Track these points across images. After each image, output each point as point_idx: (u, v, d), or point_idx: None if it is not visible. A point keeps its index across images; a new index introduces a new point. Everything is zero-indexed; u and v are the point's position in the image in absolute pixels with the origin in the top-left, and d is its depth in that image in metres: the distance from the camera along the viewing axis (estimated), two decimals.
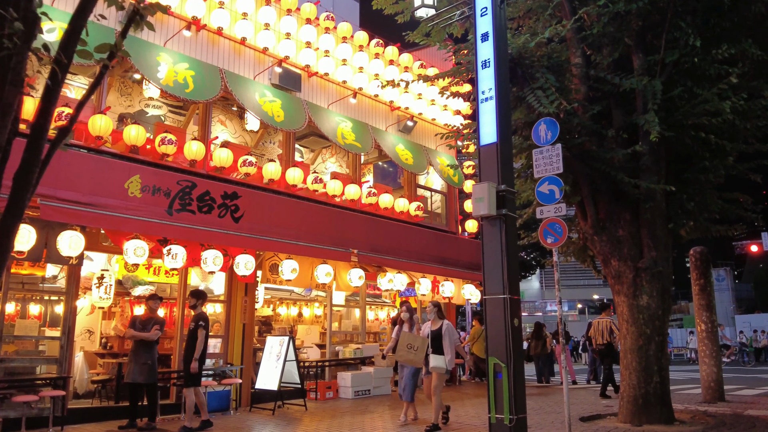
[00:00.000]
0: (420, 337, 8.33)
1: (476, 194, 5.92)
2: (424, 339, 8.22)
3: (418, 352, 8.21)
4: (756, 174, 9.30)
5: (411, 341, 8.28)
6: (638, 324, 8.27)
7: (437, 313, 8.42)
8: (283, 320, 12.92)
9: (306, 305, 13.39)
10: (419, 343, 8.25)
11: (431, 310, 8.47)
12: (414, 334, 8.44)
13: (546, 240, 8.00)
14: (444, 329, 8.12)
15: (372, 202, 12.86)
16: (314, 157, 15.29)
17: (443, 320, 8.31)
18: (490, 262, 5.97)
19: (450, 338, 8.06)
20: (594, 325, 11.62)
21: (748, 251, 36.39)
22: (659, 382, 8.09)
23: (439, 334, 8.10)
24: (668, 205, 8.71)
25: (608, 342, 11.13)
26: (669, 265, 8.51)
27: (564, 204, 7.95)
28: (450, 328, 8.17)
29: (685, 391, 12.04)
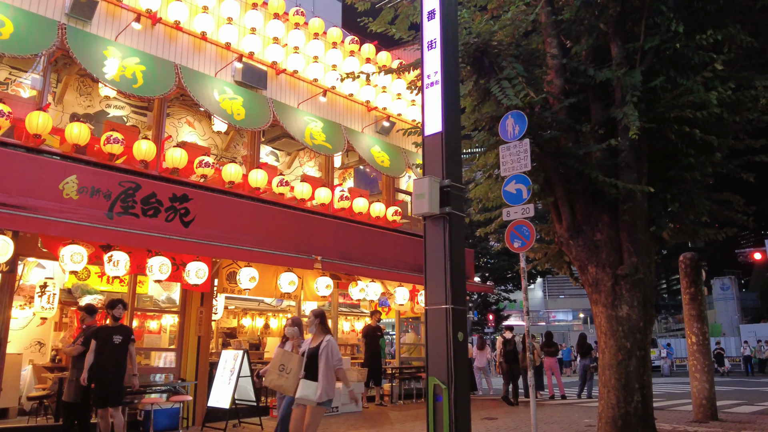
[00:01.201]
0: (296, 356, 6.29)
1: (417, 190, 5.20)
2: (301, 359, 6.19)
3: (291, 375, 6.13)
4: (748, 173, 8.53)
5: (285, 361, 6.25)
6: (617, 337, 7.50)
7: (319, 325, 6.26)
8: (247, 332, 12.19)
9: (273, 316, 12.66)
10: (294, 364, 6.19)
11: (311, 322, 6.28)
12: (290, 353, 6.38)
13: (513, 244, 7.28)
14: (322, 347, 6.03)
15: (345, 207, 12.16)
16: (291, 161, 14.62)
17: (326, 335, 6.18)
18: (433, 266, 5.24)
19: (327, 360, 5.95)
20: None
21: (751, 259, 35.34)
22: (641, 401, 7.30)
23: (316, 354, 6.02)
24: (651, 206, 7.95)
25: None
26: (652, 272, 7.75)
27: (532, 205, 7.22)
28: (331, 347, 6.07)
29: (676, 408, 11.22)
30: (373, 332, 11.22)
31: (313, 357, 6.03)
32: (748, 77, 7.71)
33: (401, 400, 12.55)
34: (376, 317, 11.65)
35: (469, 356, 16.39)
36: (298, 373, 6.10)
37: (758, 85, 7.53)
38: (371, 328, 11.42)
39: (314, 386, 5.89)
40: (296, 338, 6.81)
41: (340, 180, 15.49)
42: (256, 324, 12.31)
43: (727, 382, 21.95)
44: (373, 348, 11.28)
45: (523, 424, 9.41)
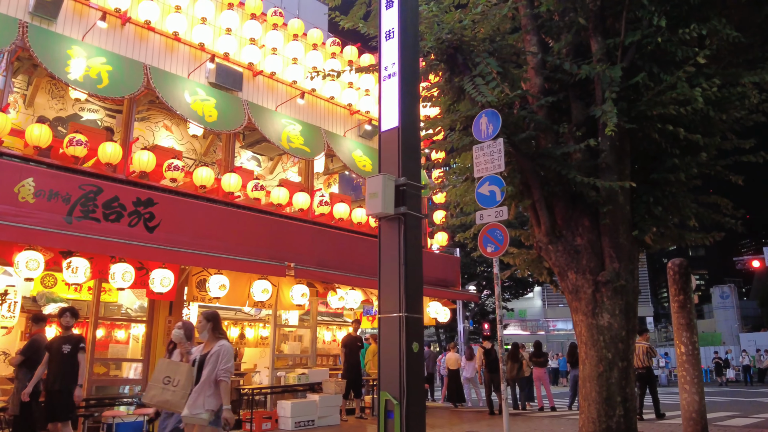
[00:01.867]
0: (184, 365, 5.21)
1: (370, 188, 4.82)
2: (190, 369, 5.14)
3: (178, 389, 5.06)
4: (737, 175, 8.15)
5: (170, 373, 5.16)
6: (598, 347, 7.10)
7: (212, 330, 5.23)
8: None
9: (250, 326, 12.24)
10: (182, 375, 5.12)
11: (202, 326, 5.25)
12: (177, 363, 5.35)
13: (486, 249, 6.91)
14: (211, 354, 5.08)
15: (324, 213, 11.78)
16: (273, 166, 14.26)
17: (219, 341, 5.21)
18: (386, 272, 4.85)
19: (212, 369, 5.03)
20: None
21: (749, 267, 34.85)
22: (623, 416, 6.89)
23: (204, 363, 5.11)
24: (633, 209, 7.57)
25: (647, 366, 11.64)
26: (635, 279, 7.35)
27: (506, 207, 6.86)
28: (222, 354, 5.08)
29: (667, 421, 10.78)
30: (353, 342, 10.81)
31: (201, 367, 5.09)
32: (735, 74, 7.36)
33: None
34: (356, 327, 11.24)
35: (456, 367, 16.04)
36: (187, 386, 5.04)
37: (746, 81, 7.18)
38: (352, 338, 11.01)
39: (201, 401, 4.96)
40: (184, 344, 5.58)
41: (325, 186, 15.13)
42: (230, 334, 11.89)
43: (725, 393, 21.48)
44: (352, 359, 10.86)
45: None
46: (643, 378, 11.73)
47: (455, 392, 15.72)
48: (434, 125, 7.88)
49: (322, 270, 10.32)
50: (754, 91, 7.43)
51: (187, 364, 5.23)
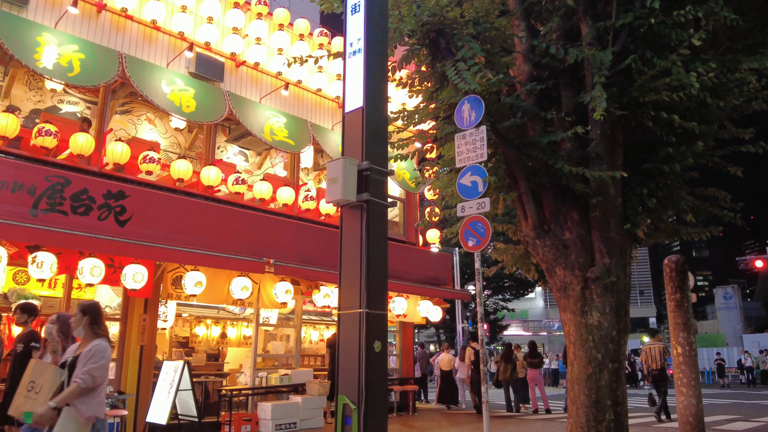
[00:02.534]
0: (50, 368, 4.30)
1: (330, 173, 4.44)
2: (56, 372, 4.23)
3: (40, 396, 4.13)
4: (736, 166, 7.75)
5: (35, 377, 4.25)
6: (587, 347, 6.70)
7: (89, 325, 4.28)
8: (201, 341, 11.39)
9: (232, 324, 11.87)
10: (47, 380, 4.19)
11: (78, 320, 4.31)
12: (44, 364, 4.42)
13: (467, 243, 6.53)
14: (83, 354, 4.18)
15: (310, 208, 11.40)
16: (261, 161, 13.89)
17: (96, 339, 4.26)
18: (347, 264, 4.48)
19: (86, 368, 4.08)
20: (646, 350, 11.90)
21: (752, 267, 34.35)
22: (614, 420, 6.48)
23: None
24: (626, 202, 7.16)
25: (662, 367, 11.59)
26: (626, 275, 6.94)
27: (488, 199, 6.50)
28: (94, 353, 4.14)
29: (663, 425, 10.36)
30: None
31: (72, 369, 4.16)
32: (733, 60, 6.96)
33: None
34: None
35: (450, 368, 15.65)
36: (51, 393, 4.09)
37: (745, 67, 6.78)
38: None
39: (72, 412, 3.97)
40: (54, 341, 4.67)
41: (316, 182, 14.75)
42: (211, 333, 11.53)
43: (726, 395, 21.02)
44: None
45: None
46: (657, 378, 11.80)
47: (448, 393, 15.34)
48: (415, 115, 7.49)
49: (304, 267, 9.94)
50: (753, 77, 7.05)
51: (54, 365, 4.31)
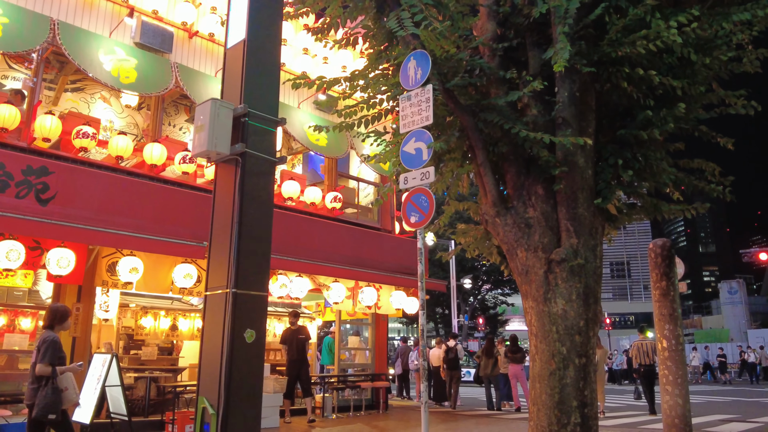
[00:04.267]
0: None
1: (197, 120, 3.58)
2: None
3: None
4: (726, 138, 6.86)
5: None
6: (550, 340, 5.83)
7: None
8: (150, 334, 10.57)
9: (184, 316, 11.04)
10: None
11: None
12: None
13: (409, 219, 5.66)
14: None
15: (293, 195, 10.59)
16: None
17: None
18: (218, 233, 3.62)
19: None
20: (637, 345, 12.07)
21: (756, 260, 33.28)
22: (580, 425, 5.61)
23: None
24: (598, 174, 6.28)
25: (653, 363, 11.67)
26: (597, 257, 6.07)
27: (432, 168, 5.64)
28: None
29: (649, 426, 9.47)
30: (293, 336, 9.57)
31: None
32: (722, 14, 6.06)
33: (335, 413, 10.89)
34: (294, 319, 9.99)
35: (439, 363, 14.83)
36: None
37: (735, 19, 5.88)
38: (291, 332, 9.76)
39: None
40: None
41: (288, 166, 13.89)
42: (160, 325, 10.70)
43: (727, 392, 20.09)
44: (295, 354, 9.60)
45: None
46: (647, 374, 11.85)
47: (439, 390, 14.55)
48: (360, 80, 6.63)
49: None
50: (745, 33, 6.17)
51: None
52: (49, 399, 4.96)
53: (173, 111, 12.28)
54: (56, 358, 5.15)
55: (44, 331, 5.36)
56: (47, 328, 5.36)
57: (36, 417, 4.96)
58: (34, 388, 5.08)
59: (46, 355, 5.05)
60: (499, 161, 6.71)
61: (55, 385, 5.04)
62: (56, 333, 5.36)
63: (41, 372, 5.02)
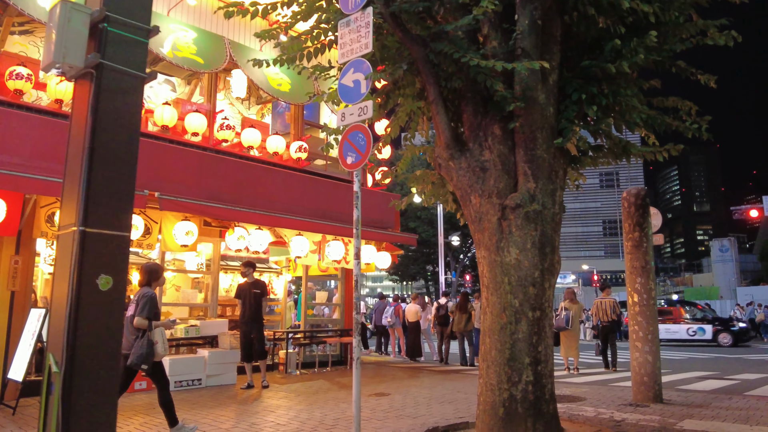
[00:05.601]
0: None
1: (48, 27, 2.98)
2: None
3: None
4: (707, 75, 6.26)
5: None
6: (501, 291, 5.37)
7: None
8: None
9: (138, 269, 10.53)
10: None
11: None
12: None
13: (346, 160, 5.11)
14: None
15: (227, 139, 9.97)
16: (192, 90, 12.32)
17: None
18: (72, 163, 3.07)
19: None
20: (597, 304, 11.96)
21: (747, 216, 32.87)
22: (532, 382, 5.19)
23: None
24: (561, 112, 5.71)
25: (611, 320, 11.64)
26: (556, 203, 5.55)
27: (371, 102, 5.04)
28: None
29: (620, 384, 9.12)
30: (247, 290, 9.02)
31: None
32: None
33: (299, 370, 10.52)
34: (249, 271, 9.29)
35: (416, 318, 14.50)
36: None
37: None
38: (246, 286, 9.06)
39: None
40: None
41: (258, 116, 13.23)
42: None
43: (709, 349, 19.89)
44: (245, 310, 8.79)
45: (413, 403, 7.36)
46: (608, 330, 11.75)
47: (413, 346, 14.27)
48: None
49: (200, 202, 8.50)
50: None
51: None
52: (144, 351, 5.45)
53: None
54: (152, 313, 5.61)
55: (143, 287, 5.75)
56: (145, 285, 5.78)
57: (130, 365, 5.42)
58: (133, 339, 5.51)
59: (144, 310, 5.51)
60: (455, 99, 6.14)
61: (150, 338, 5.52)
62: (153, 289, 5.82)
63: (139, 325, 5.47)
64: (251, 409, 7.09)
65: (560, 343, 11.29)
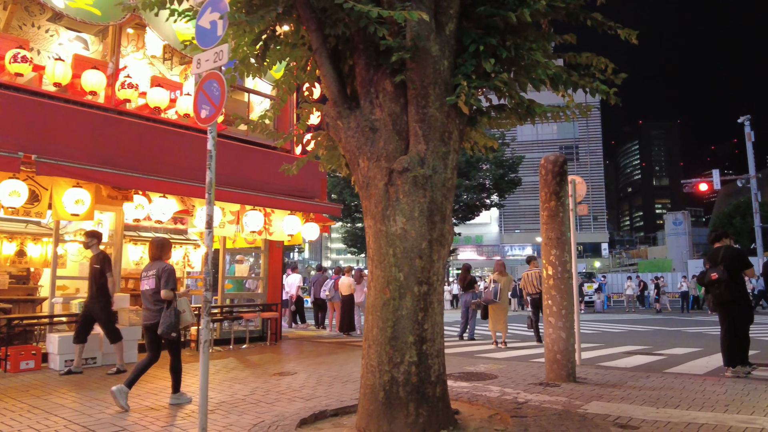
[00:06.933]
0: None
1: None
2: None
3: None
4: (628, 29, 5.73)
5: None
6: (386, 264, 4.85)
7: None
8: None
9: (34, 241, 9.78)
10: None
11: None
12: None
13: (200, 113, 4.48)
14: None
15: (129, 98, 9.18)
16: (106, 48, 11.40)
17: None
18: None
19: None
20: (524, 276, 11.87)
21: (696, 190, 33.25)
22: (416, 363, 4.71)
23: None
24: (458, 67, 5.15)
25: (540, 291, 10.98)
26: (448, 167, 5.03)
27: (227, 46, 4.42)
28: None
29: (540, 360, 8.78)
30: (90, 266, 7.79)
31: None
32: None
33: (212, 347, 9.94)
34: (94, 241, 7.79)
35: (350, 292, 14.03)
36: None
37: None
38: (93, 259, 7.74)
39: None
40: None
41: (182, 78, 12.38)
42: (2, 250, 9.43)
43: (654, 321, 19.99)
44: (89, 288, 7.74)
45: (314, 383, 6.86)
46: (536, 303, 11.36)
47: (347, 320, 13.83)
48: None
49: (86, 167, 7.74)
50: None
51: None
52: (173, 319, 5.77)
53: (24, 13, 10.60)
54: (174, 284, 5.92)
55: (157, 261, 6.02)
56: (158, 260, 6.05)
57: (161, 334, 5.75)
58: (156, 310, 5.83)
59: (169, 282, 5.82)
60: (345, 49, 5.54)
61: (176, 308, 5.81)
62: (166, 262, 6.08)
63: (166, 296, 5.77)
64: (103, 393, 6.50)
65: (488, 317, 10.95)
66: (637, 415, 5.20)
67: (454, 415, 5.16)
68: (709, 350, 10.28)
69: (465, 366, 8.17)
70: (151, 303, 5.89)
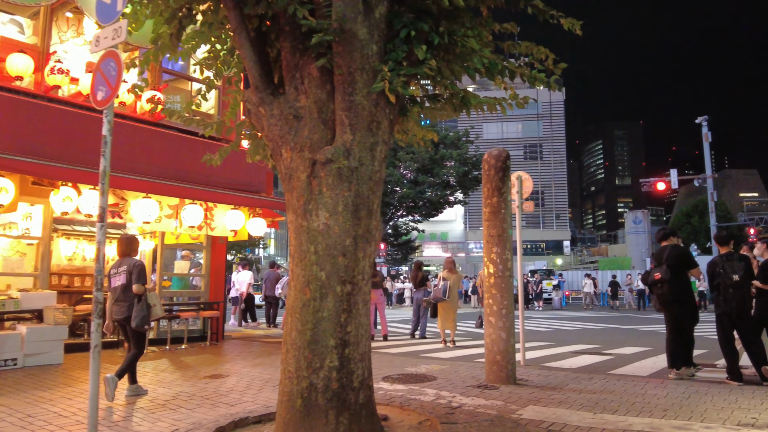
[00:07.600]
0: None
1: None
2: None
3: None
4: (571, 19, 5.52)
5: None
6: (306, 263, 4.54)
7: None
8: None
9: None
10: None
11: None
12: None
13: (96, 96, 4.09)
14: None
15: (61, 85, 8.68)
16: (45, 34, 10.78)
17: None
18: None
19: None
20: (481, 275, 11.71)
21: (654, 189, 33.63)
22: (338, 368, 4.40)
23: None
24: (389, 53, 4.84)
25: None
26: (376, 159, 4.73)
27: (126, 22, 4.04)
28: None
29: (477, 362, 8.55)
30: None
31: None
32: None
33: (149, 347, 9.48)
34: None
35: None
36: None
37: None
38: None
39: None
40: None
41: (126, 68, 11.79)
42: None
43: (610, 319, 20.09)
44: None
45: (244, 387, 6.50)
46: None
47: None
48: None
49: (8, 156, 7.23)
50: None
51: None
52: (144, 312, 6.02)
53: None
54: (144, 279, 6.12)
55: (127, 257, 6.22)
56: (128, 256, 6.25)
57: (135, 328, 5.98)
58: (126, 305, 6.00)
59: (140, 278, 6.04)
60: (269, 31, 5.20)
61: (147, 302, 6.07)
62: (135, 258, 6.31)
63: (138, 291, 5.99)
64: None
65: (438, 315, 10.71)
66: (573, 421, 4.98)
67: (382, 421, 4.89)
68: (658, 350, 10.21)
69: (406, 367, 7.90)
70: (120, 299, 6.05)
